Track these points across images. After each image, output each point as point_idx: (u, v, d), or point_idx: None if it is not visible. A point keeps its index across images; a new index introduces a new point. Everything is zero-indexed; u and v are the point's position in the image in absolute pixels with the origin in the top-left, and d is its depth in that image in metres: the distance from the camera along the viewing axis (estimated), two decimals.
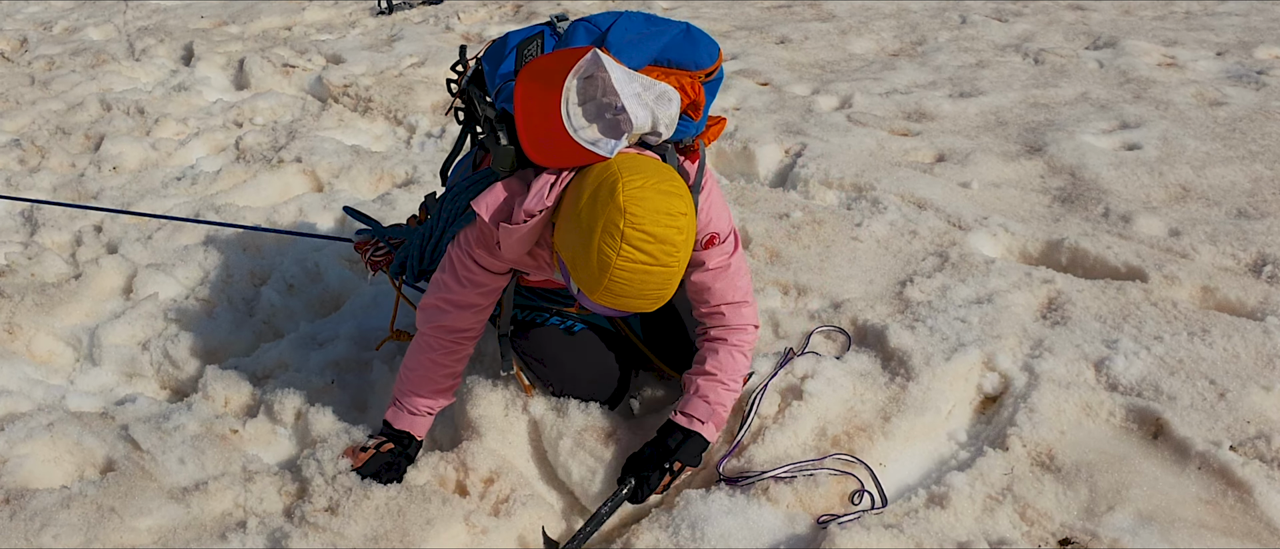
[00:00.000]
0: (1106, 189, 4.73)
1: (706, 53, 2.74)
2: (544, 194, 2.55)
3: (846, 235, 4.42)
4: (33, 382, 3.82)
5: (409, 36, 8.33)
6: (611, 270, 2.36)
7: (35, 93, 7.33)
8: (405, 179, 5.55)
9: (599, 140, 2.49)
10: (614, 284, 2.39)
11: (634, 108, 2.49)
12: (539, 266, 2.85)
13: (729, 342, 3.02)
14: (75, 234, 4.99)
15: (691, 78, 2.71)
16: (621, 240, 2.33)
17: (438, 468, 3.11)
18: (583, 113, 2.51)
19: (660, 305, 2.52)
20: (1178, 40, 7.13)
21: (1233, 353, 3.41)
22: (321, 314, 4.30)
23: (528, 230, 2.59)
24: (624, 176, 2.37)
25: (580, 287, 2.49)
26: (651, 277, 2.39)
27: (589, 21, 2.82)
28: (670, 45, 2.70)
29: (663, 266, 2.38)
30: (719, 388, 3.02)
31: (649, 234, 2.33)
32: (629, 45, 2.67)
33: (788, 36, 7.88)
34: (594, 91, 2.51)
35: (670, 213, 2.36)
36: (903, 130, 5.74)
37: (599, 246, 2.35)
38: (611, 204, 2.34)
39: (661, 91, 2.60)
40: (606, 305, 2.48)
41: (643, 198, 2.34)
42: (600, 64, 2.47)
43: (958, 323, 3.64)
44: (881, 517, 2.84)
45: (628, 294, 2.42)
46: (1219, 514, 2.80)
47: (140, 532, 2.91)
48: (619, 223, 2.32)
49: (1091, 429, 3.16)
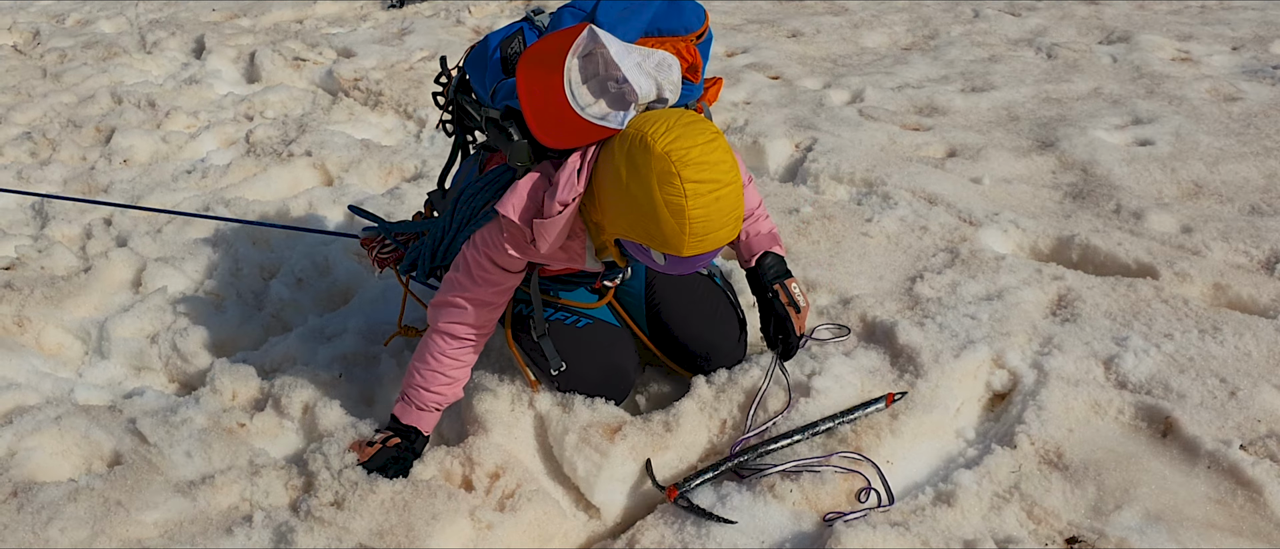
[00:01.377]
0: (1118, 185, 4.70)
1: (693, 16, 2.79)
2: (574, 181, 2.58)
3: (856, 231, 4.40)
4: (41, 374, 3.83)
5: (420, 30, 8.33)
6: (687, 214, 2.38)
7: (47, 85, 7.36)
8: (415, 173, 5.55)
9: (608, 114, 2.52)
10: (695, 225, 2.41)
11: (636, 77, 2.51)
12: (571, 258, 2.88)
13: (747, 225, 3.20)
14: (85, 227, 5.00)
15: (685, 42, 2.76)
16: (682, 181, 2.36)
17: (443, 463, 3.11)
18: (588, 90, 2.53)
19: (739, 229, 2.55)
20: (1192, 35, 7.08)
21: (1244, 351, 3.39)
22: (330, 308, 4.31)
23: (563, 221, 2.61)
24: (646, 130, 2.41)
25: (665, 252, 2.51)
26: (722, 200, 2.42)
27: (573, 6, 2.85)
28: (658, 15, 2.74)
29: (727, 185, 2.42)
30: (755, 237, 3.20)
31: (700, 162, 2.37)
32: (619, 22, 2.69)
33: (799, 30, 7.86)
34: (595, 68, 2.54)
35: (705, 135, 2.41)
36: (914, 125, 5.71)
37: (665, 199, 2.38)
38: (653, 157, 2.37)
39: (660, 59, 2.62)
40: (696, 253, 2.49)
41: (675, 136, 2.38)
42: (597, 39, 2.49)
43: (967, 320, 3.62)
44: (888, 515, 2.83)
45: (711, 229, 2.44)
46: (1228, 514, 2.78)
47: (147, 525, 2.91)
48: (670, 168, 2.36)
49: (1100, 427, 3.14)
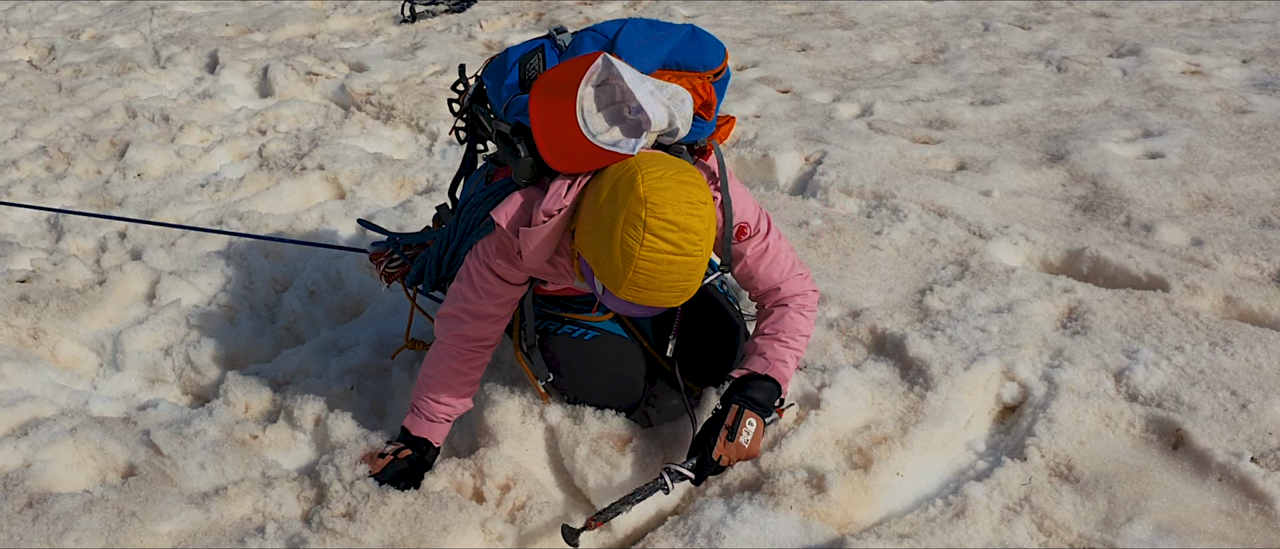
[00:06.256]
0: (1129, 198, 4.69)
1: (713, 53, 2.77)
2: (561, 194, 2.57)
3: (866, 243, 4.41)
4: (57, 386, 3.86)
5: (432, 44, 8.37)
6: (635, 262, 2.35)
7: (62, 100, 7.42)
8: (427, 186, 5.58)
9: (620, 141, 2.50)
10: (638, 275, 2.37)
11: (650, 105, 2.51)
12: (559, 274, 2.85)
13: (788, 305, 3.02)
14: (99, 240, 5.04)
15: (702, 78, 2.75)
16: (644, 230, 2.32)
17: (455, 474, 3.12)
18: (601, 118, 2.52)
19: (684, 300, 2.50)
20: (1202, 48, 7.07)
21: (1255, 364, 3.38)
22: (342, 320, 4.33)
23: (548, 232, 2.59)
24: (643, 169, 2.39)
25: (604, 284, 2.47)
26: (676, 267, 2.38)
27: (595, 31, 2.85)
28: (678, 48, 2.73)
29: (686, 256, 2.38)
30: (776, 345, 2.99)
31: (671, 222, 2.33)
32: (638, 51, 2.70)
33: (809, 44, 7.88)
34: (610, 97, 2.54)
35: (691, 201, 2.36)
36: (924, 138, 5.72)
37: (622, 238, 2.35)
38: (632, 195, 2.35)
39: (674, 92, 2.63)
40: (631, 300, 2.46)
41: (663, 187, 2.35)
42: (612, 69, 2.49)
43: (977, 332, 3.62)
44: (897, 526, 2.83)
45: (652, 286, 2.40)
46: (1240, 527, 2.77)
47: (160, 536, 2.93)
48: (641, 213, 2.33)
49: (1111, 440, 3.14)
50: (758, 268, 2.98)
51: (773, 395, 2.95)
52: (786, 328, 3.01)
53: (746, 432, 2.86)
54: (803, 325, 3.03)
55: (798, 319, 3.02)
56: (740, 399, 2.91)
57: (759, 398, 2.92)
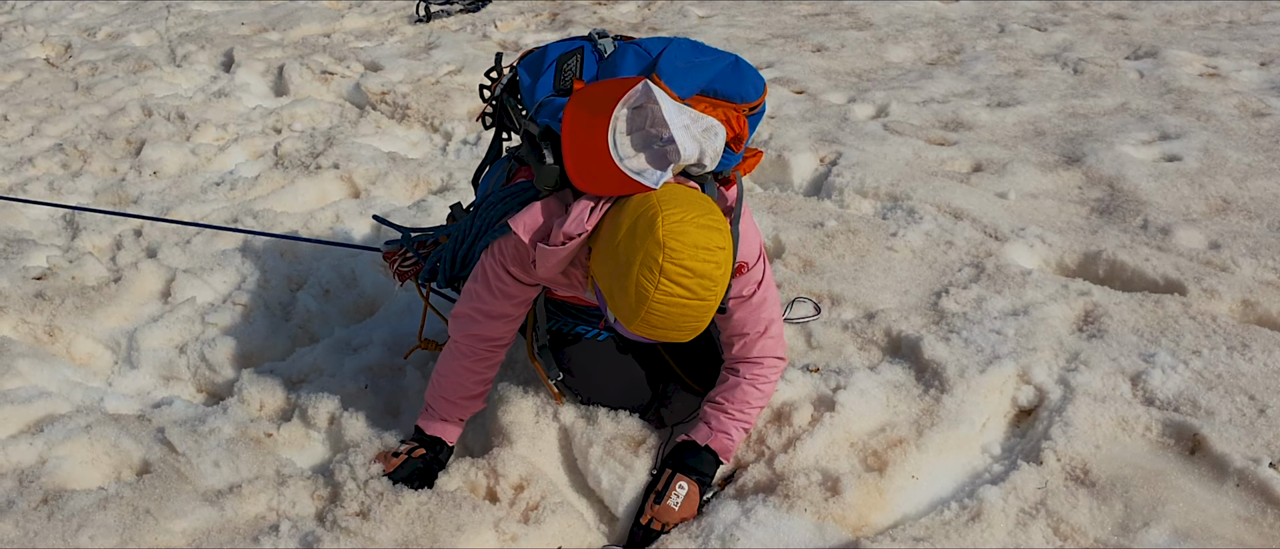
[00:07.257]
0: (1145, 201, 4.67)
1: (752, 87, 2.74)
2: (584, 218, 2.55)
3: (881, 245, 4.39)
4: (72, 384, 3.87)
5: (446, 44, 8.38)
6: (649, 303, 2.36)
7: (78, 98, 7.44)
8: (441, 185, 5.59)
9: (645, 170, 2.49)
10: (651, 316, 2.38)
11: (683, 139, 2.49)
12: (571, 285, 2.85)
13: (743, 375, 3.04)
14: (115, 238, 5.06)
15: (737, 111, 2.72)
16: (660, 274, 2.32)
17: (468, 474, 3.12)
18: (630, 142, 2.51)
19: (694, 337, 2.52)
20: (1220, 50, 7.03)
21: (1273, 368, 3.36)
22: (356, 319, 4.34)
23: (565, 253, 2.59)
24: (664, 210, 2.36)
25: (617, 316, 2.49)
26: (689, 310, 2.39)
27: (639, 46, 2.82)
28: (719, 76, 2.70)
29: (700, 300, 2.38)
30: (722, 416, 3.04)
31: (687, 269, 2.33)
32: (679, 73, 2.66)
33: (824, 44, 7.86)
34: (642, 122, 2.52)
35: (709, 247, 2.36)
36: (939, 139, 5.70)
37: (637, 279, 2.35)
38: (650, 238, 2.34)
39: (709, 125, 2.61)
40: (642, 335, 2.48)
41: (682, 232, 2.33)
42: (651, 95, 2.48)
43: (993, 335, 3.61)
44: (912, 529, 2.82)
45: (664, 326, 2.42)
46: (1258, 532, 2.75)
47: (175, 533, 2.94)
48: (658, 257, 2.32)
49: (1127, 444, 3.12)
50: (738, 310, 2.93)
51: (712, 465, 3.04)
52: (736, 400, 3.04)
53: (676, 494, 2.96)
54: (754, 397, 3.06)
55: (750, 391, 3.04)
56: (674, 464, 3.02)
57: (694, 464, 3.01)
